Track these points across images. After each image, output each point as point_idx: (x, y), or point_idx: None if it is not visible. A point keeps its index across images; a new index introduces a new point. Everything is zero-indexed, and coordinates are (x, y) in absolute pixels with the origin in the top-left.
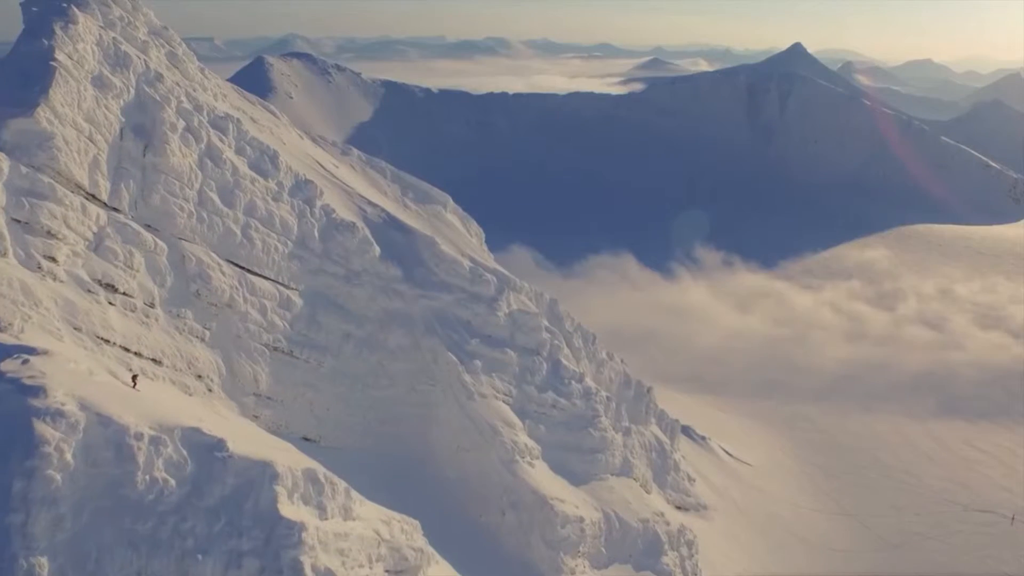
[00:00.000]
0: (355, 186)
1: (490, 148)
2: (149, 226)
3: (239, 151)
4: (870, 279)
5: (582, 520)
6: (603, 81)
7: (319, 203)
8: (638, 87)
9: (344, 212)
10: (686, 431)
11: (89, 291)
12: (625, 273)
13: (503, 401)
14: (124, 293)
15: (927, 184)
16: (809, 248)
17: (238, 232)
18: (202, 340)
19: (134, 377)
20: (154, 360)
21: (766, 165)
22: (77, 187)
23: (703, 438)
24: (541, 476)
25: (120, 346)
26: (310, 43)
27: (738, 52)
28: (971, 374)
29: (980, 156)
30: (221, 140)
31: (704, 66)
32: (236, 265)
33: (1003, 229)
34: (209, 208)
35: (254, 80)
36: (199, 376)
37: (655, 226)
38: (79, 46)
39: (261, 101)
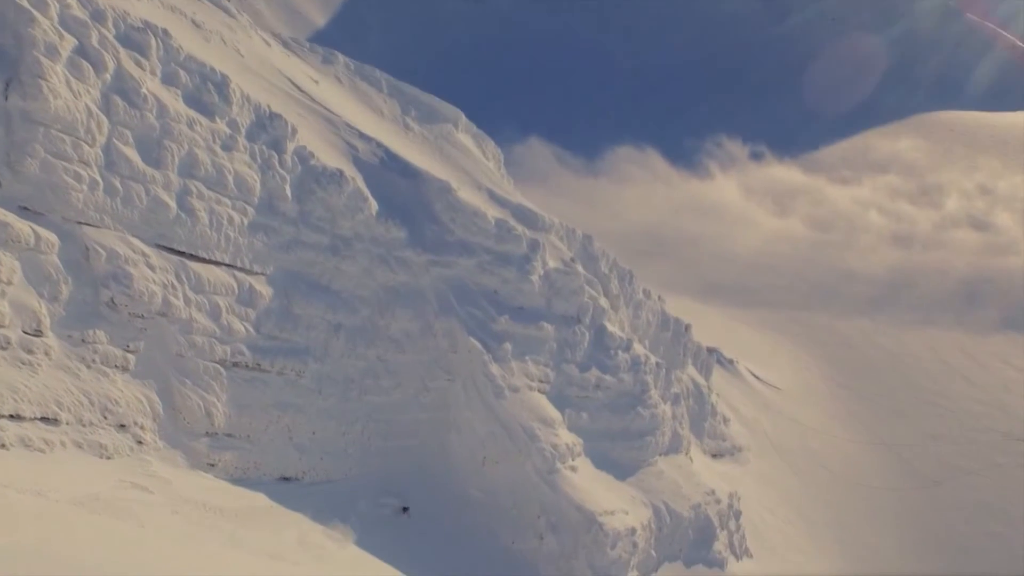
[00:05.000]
0: (342, 111)
1: (489, 22)
2: (26, 209)
3: (169, 79)
4: (907, 173)
5: (634, 532)
6: None
7: (292, 146)
8: None
9: (327, 155)
10: (712, 353)
11: None
12: (653, 169)
13: (539, 391)
14: None
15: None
16: (836, 136)
17: (171, 203)
18: (124, 371)
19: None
20: (45, 419)
21: (780, 43)
22: None
23: (731, 362)
24: (585, 483)
25: None
26: None
27: None
28: (1014, 282)
29: (1003, 32)
30: (139, 64)
31: None
32: (171, 251)
33: None
34: (124, 172)
35: None
36: (122, 426)
37: (676, 113)
38: None
39: None
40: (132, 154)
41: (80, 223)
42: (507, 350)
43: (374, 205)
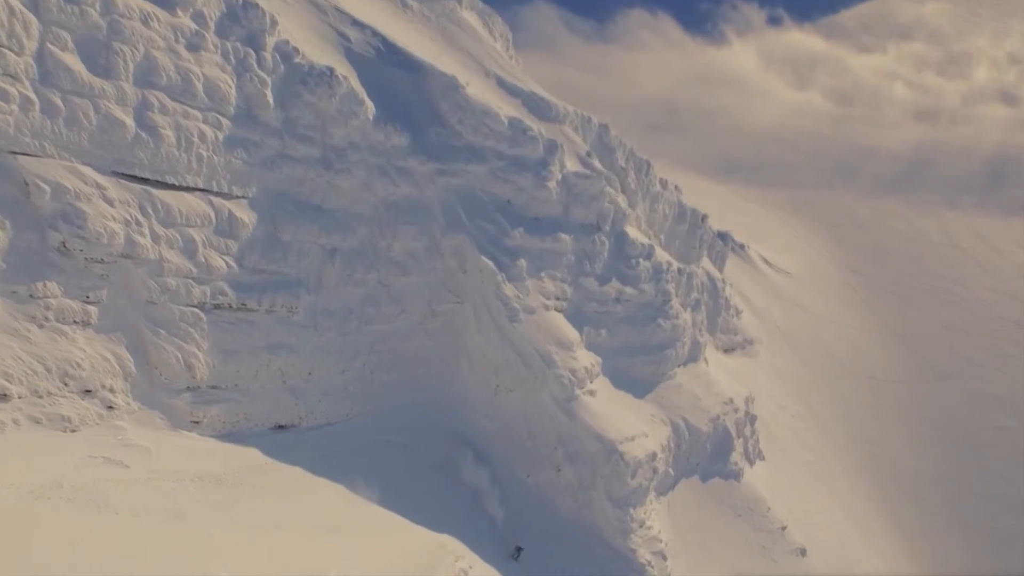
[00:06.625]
0: None
1: None
2: None
3: None
4: (933, 39)
5: (654, 457)
6: None
7: (271, 40)
8: None
9: (315, 50)
10: (723, 237)
11: None
12: (667, 35)
13: (555, 309)
14: None
15: None
16: None
17: (128, 120)
18: (85, 326)
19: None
20: None
21: None
22: None
23: (742, 247)
24: (604, 407)
25: None
26: None
27: None
28: None
29: None
30: None
31: None
32: (132, 179)
33: None
34: (65, 85)
35: None
36: (87, 391)
37: None
38: None
39: None
40: (73, 62)
41: (14, 153)
42: (521, 267)
43: (371, 108)
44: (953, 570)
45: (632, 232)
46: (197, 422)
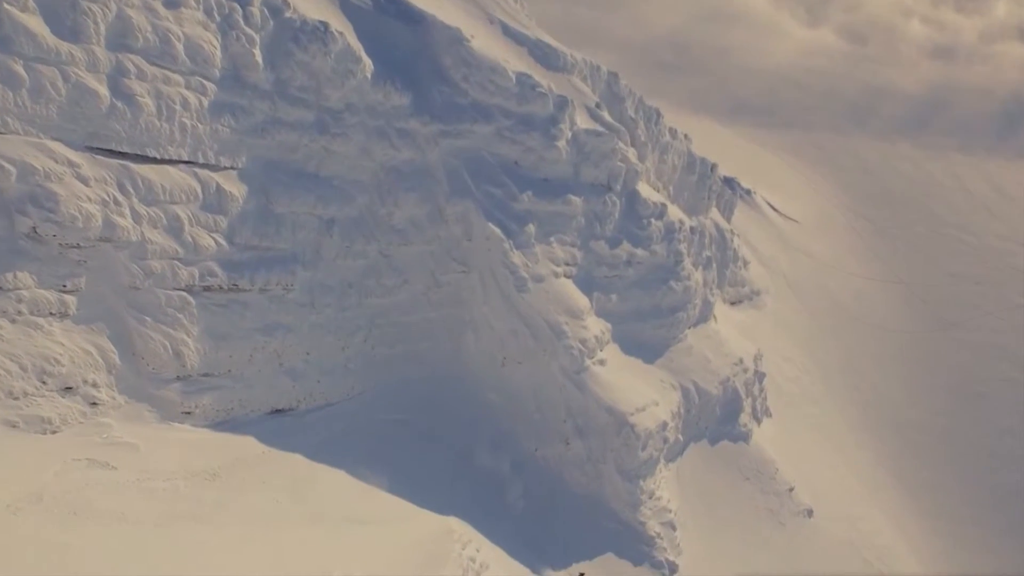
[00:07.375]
0: None
1: None
2: None
3: None
4: None
5: (665, 427)
6: None
7: None
8: None
9: (307, 3)
10: (730, 183)
11: None
12: None
13: (564, 275)
14: None
15: None
16: None
17: (101, 89)
18: (62, 318)
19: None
20: None
21: None
22: None
23: (749, 193)
24: (614, 377)
25: None
26: None
27: None
28: None
29: None
30: None
31: None
32: (109, 153)
33: None
34: (27, 51)
35: None
36: (67, 388)
37: None
38: None
39: None
40: (36, 24)
41: None
42: (530, 233)
43: (369, 66)
44: (956, 525)
45: (644, 190)
46: (189, 413)
